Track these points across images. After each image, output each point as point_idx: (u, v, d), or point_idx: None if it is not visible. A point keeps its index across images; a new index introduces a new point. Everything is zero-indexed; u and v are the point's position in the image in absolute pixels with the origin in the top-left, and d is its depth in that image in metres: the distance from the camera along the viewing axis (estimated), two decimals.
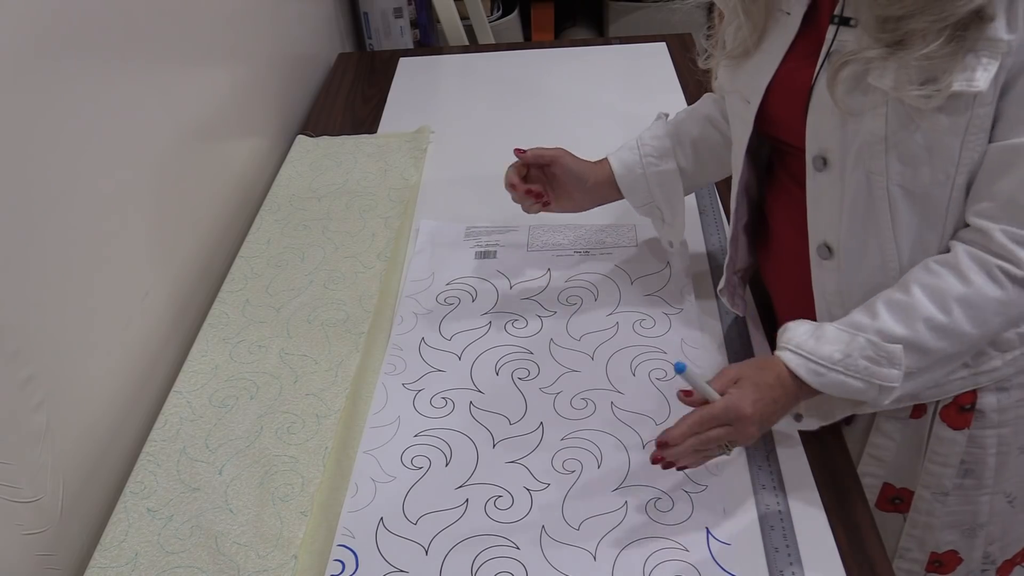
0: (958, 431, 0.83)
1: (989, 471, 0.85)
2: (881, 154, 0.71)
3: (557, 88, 1.60)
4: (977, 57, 0.65)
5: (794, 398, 0.76)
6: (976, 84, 0.65)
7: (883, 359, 0.71)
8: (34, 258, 0.81)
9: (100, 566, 0.79)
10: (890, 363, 0.71)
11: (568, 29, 2.76)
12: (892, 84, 0.67)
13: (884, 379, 0.72)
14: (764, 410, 0.75)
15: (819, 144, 0.76)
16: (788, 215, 0.85)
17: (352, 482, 0.87)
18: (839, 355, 0.73)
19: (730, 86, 0.85)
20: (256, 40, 1.43)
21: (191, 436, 0.92)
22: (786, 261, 0.89)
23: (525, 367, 0.99)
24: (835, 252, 0.79)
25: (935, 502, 0.87)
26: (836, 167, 0.75)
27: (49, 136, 0.83)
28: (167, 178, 1.08)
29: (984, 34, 0.64)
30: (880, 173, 0.72)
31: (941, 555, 0.90)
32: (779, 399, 0.75)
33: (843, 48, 0.71)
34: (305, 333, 1.04)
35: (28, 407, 0.78)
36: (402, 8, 2.08)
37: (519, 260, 1.15)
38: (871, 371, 0.72)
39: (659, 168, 0.98)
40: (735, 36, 0.81)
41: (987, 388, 0.81)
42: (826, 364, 0.73)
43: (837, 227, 0.77)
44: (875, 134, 0.71)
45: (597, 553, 0.78)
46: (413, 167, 1.37)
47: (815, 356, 0.73)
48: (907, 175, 0.71)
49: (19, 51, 0.79)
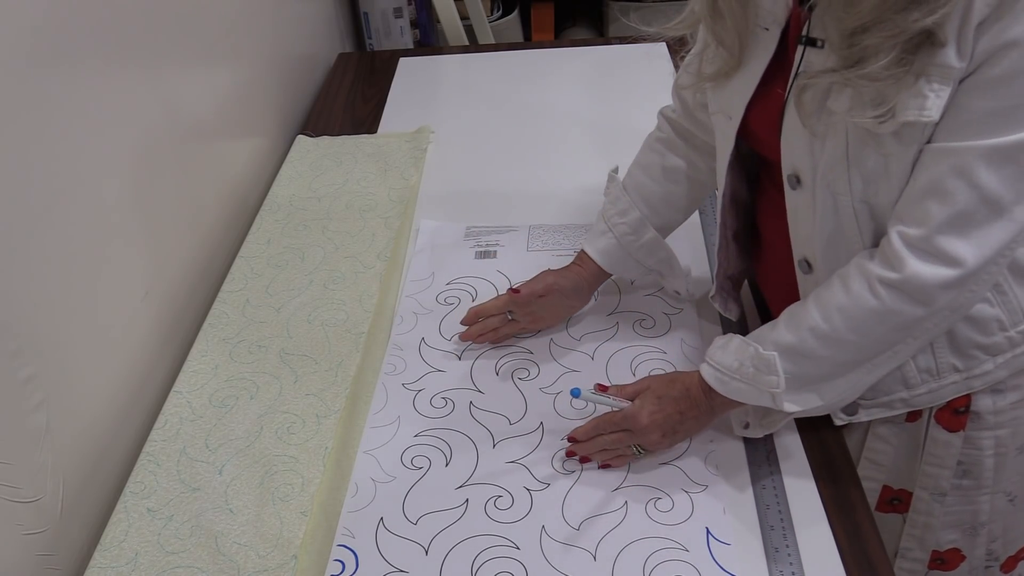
0: (954, 433, 0.83)
1: (987, 472, 0.85)
2: (844, 172, 0.72)
3: (557, 88, 1.60)
4: (929, 83, 0.64)
5: (704, 409, 0.82)
6: (927, 113, 0.65)
7: (764, 366, 0.75)
8: (34, 258, 0.81)
9: (100, 566, 0.79)
10: (768, 370, 0.75)
11: (568, 29, 2.76)
12: (847, 107, 0.68)
13: (767, 385, 0.76)
14: (665, 421, 0.82)
15: (792, 163, 0.77)
16: (776, 224, 0.86)
17: (352, 482, 0.87)
18: (736, 363, 0.78)
19: (714, 106, 0.86)
20: (256, 40, 1.43)
21: (191, 436, 0.91)
22: (777, 267, 0.89)
23: (525, 367, 0.99)
24: (814, 267, 0.80)
25: (933, 502, 0.87)
26: (808, 186, 0.76)
27: (49, 136, 0.83)
28: (167, 178, 1.08)
29: (935, 60, 0.64)
30: (844, 193, 0.73)
31: (943, 553, 0.90)
32: (685, 411, 0.82)
33: (809, 69, 0.71)
34: (305, 333, 1.04)
35: (28, 407, 0.78)
36: (402, 8, 2.08)
37: (519, 260, 1.15)
38: (758, 378, 0.76)
39: (640, 241, 0.98)
40: (712, 60, 0.82)
41: (982, 391, 0.81)
42: (727, 372, 0.79)
43: (813, 243, 0.79)
44: (836, 154, 0.71)
45: (597, 553, 0.78)
46: (413, 167, 1.37)
47: (719, 365, 0.79)
48: (870, 192, 0.72)
49: (19, 51, 0.79)
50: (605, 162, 1.03)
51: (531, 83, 1.63)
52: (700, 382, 0.81)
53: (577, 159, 1.37)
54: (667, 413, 0.82)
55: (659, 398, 0.82)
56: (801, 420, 0.88)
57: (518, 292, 0.98)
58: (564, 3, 2.74)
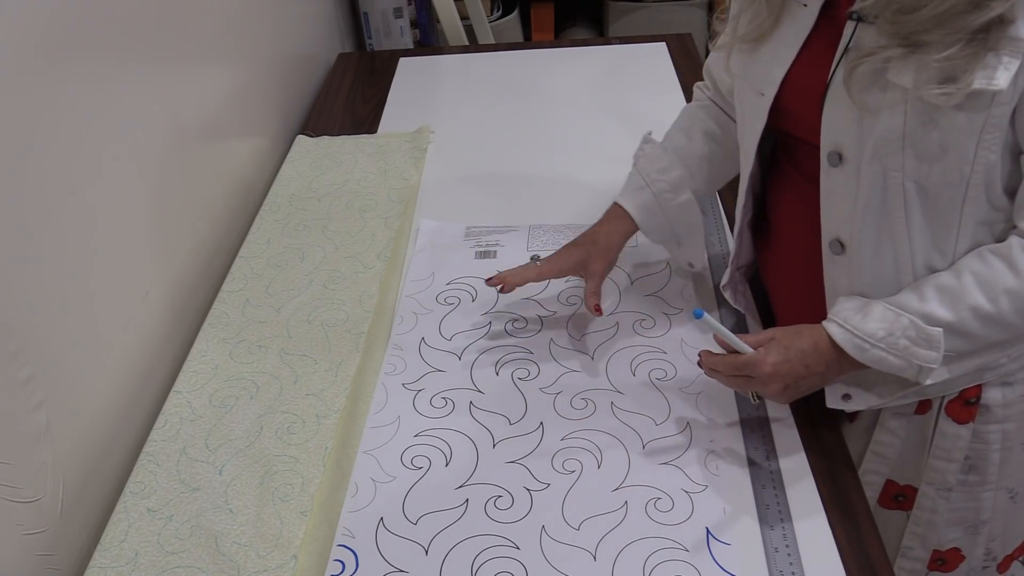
0: (962, 426, 0.83)
1: (992, 467, 0.85)
2: (898, 150, 0.71)
3: (557, 88, 1.60)
4: (998, 56, 0.65)
5: (833, 366, 0.79)
6: (996, 83, 0.65)
7: (923, 341, 0.74)
8: (34, 258, 0.81)
9: (100, 566, 0.79)
10: (929, 345, 0.74)
11: (568, 29, 2.76)
12: (912, 82, 0.67)
13: (923, 360, 0.74)
14: (790, 372, 0.79)
15: (835, 140, 0.75)
16: (795, 210, 0.85)
17: (352, 482, 0.87)
18: (882, 333, 0.75)
19: (742, 74, 0.84)
20: (256, 40, 1.43)
21: (191, 436, 0.91)
22: (791, 256, 0.89)
23: (525, 367, 0.99)
24: (847, 248, 0.79)
25: (939, 498, 0.87)
26: (852, 163, 0.75)
27: (49, 136, 0.83)
28: (167, 178, 1.08)
29: (1005, 34, 0.64)
30: (896, 169, 0.72)
31: (944, 553, 0.90)
32: (812, 365, 0.78)
33: (861, 45, 0.71)
34: (305, 333, 1.04)
35: (28, 407, 0.78)
36: (402, 8, 2.08)
37: (519, 260, 1.14)
38: (911, 351, 0.74)
39: (677, 201, 0.97)
40: (751, 22, 0.81)
41: (992, 383, 0.81)
42: (869, 340, 0.75)
43: (851, 223, 0.77)
44: (893, 130, 0.70)
45: (597, 553, 0.78)
46: (413, 167, 1.37)
47: (859, 331, 0.76)
48: (922, 171, 0.71)
49: (19, 51, 0.79)
50: (605, 162, 1.03)
51: (531, 83, 1.63)
52: (829, 340, 0.78)
53: (577, 159, 1.37)
54: (792, 364, 0.79)
55: (786, 348, 0.79)
56: (801, 419, 0.88)
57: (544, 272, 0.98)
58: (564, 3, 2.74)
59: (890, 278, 0.77)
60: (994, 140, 0.69)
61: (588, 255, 0.97)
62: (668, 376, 0.95)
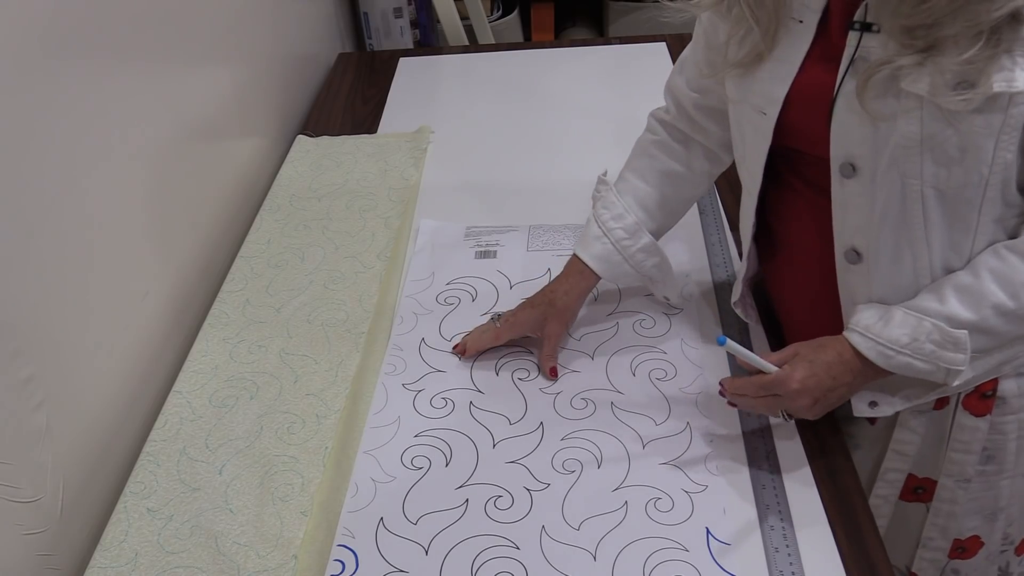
0: (980, 418, 0.84)
1: (1010, 456, 0.85)
2: (916, 157, 0.71)
3: (557, 88, 1.60)
4: (1012, 57, 0.64)
5: (860, 376, 0.79)
6: (1016, 84, 0.65)
7: (949, 344, 0.74)
8: (34, 257, 0.81)
9: (100, 566, 0.80)
10: (956, 348, 0.74)
11: (568, 29, 2.76)
12: (928, 89, 0.67)
13: (950, 363, 0.74)
14: (818, 385, 0.78)
15: (846, 151, 0.75)
16: (805, 222, 0.85)
17: (352, 482, 0.87)
18: (906, 339, 0.75)
19: (740, 97, 0.83)
20: (256, 40, 1.43)
21: (191, 436, 0.92)
22: (801, 268, 0.89)
23: (525, 367, 0.99)
24: (864, 256, 0.78)
25: (958, 489, 0.87)
26: (866, 173, 0.74)
27: (49, 136, 0.83)
28: (167, 178, 1.08)
29: (1019, 35, 0.64)
30: (915, 176, 0.72)
31: (964, 541, 0.91)
32: (839, 376, 0.78)
33: (869, 54, 0.70)
34: (305, 333, 1.04)
35: (28, 407, 0.78)
36: (402, 8, 2.08)
37: (519, 260, 1.15)
38: (937, 355, 0.74)
39: (637, 247, 0.96)
40: (742, 44, 0.80)
41: (1007, 375, 0.82)
42: (894, 347, 0.76)
43: (867, 232, 0.77)
44: (910, 137, 0.70)
45: (597, 553, 0.78)
46: (413, 167, 1.37)
47: (882, 339, 0.76)
48: (941, 176, 0.71)
49: (19, 51, 0.79)
50: (605, 162, 1.03)
51: (531, 83, 1.63)
52: (853, 350, 0.78)
53: (577, 159, 1.37)
54: (819, 378, 0.78)
55: (811, 362, 0.79)
56: (801, 420, 0.88)
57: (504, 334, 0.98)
58: (564, 3, 2.74)
59: (909, 283, 0.77)
60: (1011, 140, 0.69)
61: (544, 317, 0.97)
62: (668, 376, 0.95)
